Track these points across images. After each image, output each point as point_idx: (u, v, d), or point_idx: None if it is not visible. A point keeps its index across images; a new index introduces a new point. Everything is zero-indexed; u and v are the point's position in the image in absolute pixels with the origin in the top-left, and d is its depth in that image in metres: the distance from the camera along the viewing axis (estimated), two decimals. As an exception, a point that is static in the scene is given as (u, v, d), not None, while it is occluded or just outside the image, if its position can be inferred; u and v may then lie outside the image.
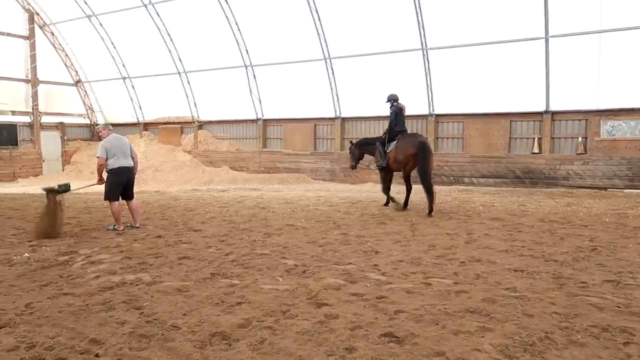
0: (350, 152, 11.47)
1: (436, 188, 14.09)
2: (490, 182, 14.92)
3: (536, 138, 14.56)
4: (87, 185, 8.27)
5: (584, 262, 5.62)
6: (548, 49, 13.83)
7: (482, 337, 3.50)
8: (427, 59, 15.47)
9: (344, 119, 17.56)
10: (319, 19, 16.43)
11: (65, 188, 7.63)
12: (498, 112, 15.06)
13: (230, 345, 3.43)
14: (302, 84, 17.98)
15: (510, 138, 14.99)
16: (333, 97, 17.34)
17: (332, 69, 17.07)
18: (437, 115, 15.91)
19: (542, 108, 14.37)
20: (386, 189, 10.54)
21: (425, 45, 15.34)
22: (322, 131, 18.22)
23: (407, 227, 8.01)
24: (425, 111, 16.00)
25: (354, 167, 11.46)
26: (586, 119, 13.98)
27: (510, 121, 14.95)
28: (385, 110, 10.80)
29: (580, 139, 14.00)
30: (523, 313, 3.95)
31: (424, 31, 15.15)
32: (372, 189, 14.77)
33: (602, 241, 6.73)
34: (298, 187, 15.67)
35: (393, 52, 16.05)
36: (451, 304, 4.19)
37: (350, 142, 11.71)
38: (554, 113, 14.29)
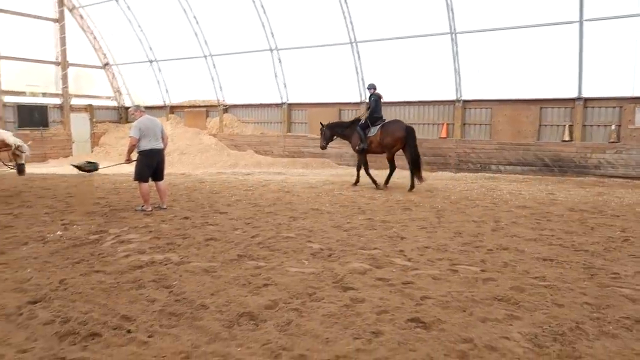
0: (321, 133, 12.39)
1: (462, 175, 13.90)
2: (518, 170, 14.64)
3: (567, 125, 14.18)
4: (115, 164, 8.41)
5: (616, 252, 5.49)
6: (582, 33, 13.37)
7: (511, 325, 3.47)
8: (456, 43, 15.15)
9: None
10: (345, 2, 16.22)
11: (93, 167, 7.77)
12: (528, 98, 14.69)
13: (257, 326, 3.48)
14: (328, 68, 17.85)
15: (539, 125, 14.63)
16: (359, 82, 17.17)
17: (358, 52, 16.88)
18: (465, 101, 15.63)
19: (574, 94, 13.95)
20: (366, 170, 11.48)
21: (454, 29, 15.01)
22: (347, 116, 18.06)
23: (433, 213, 7.94)
24: (452, 97, 15.72)
25: (324, 148, 12.54)
26: (620, 106, 13.53)
27: (540, 108, 14.58)
28: (413, 95, 11.01)
29: (613, 126, 13.57)
30: (553, 302, 3.89)
31: (452, 14, 14.82)
32: (396, 174, 14.65)
33: (634, 232, 6.55)
34: (322, 172, 15.66)
35: (420, 36, 15.76)
36: (478, 292, 4.15)
37: (321, 123, 12.66)
38: (586, 100, 13.86)
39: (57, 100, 21.41)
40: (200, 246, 5.72)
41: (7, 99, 19.47)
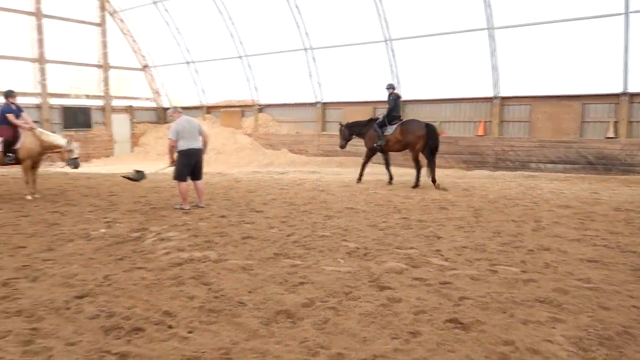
0: (340, 133, 12.57)
1: (500, 173, 13.61)
2: (559, 168, 14.21)
3: (611, 122, 13.67)
4: (161, 168, 8.65)
5: (666, 254, 5.25)
6: (628, 25, 12.86)
7: (554, 328, 3.37)
8: (493, 38, 14.82)
9: (404, 102, 17.23)
10: (380, 0, 16.12)
11: (140, 176, 7.98)
12: (569, 94, 14.24)
13: (294, 323, 3.50)
14: (362, 66, 17.80)
15: (581, 122, 14.16)
16: (393, 79, 17.03)
17: (392, 50, 16.75)
18: (503, 98, 15.28)
19: (619, 89, 13.43)
20: (364, 164, 12.15)
21: (492, 25, 14.69)
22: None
23: (470, 212, 7.80)
24: (489, 94, 15.40)
25: (343, 147, 12.78)
26: (669, 102, 12.96)
27: (583, 104, 14.10)
28: (448, 92, 10.87)
29: (661, 122, 13.01)
30: (598, 305, 3.76)
31: (490, 10, 14.51)
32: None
33: (686, 233, 6.26)
34: (357, 171, 15.59)
35: (456, 33, 15.51)
36: (519, 293, 4.06)
37: (340, 123, 13.14)
38: (632, 95, 13.32)
39: (99, 102, 22.15)
40: (237, 244, 5.81)
41: (53, 101, 20.28)
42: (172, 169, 8.41)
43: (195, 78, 22.69)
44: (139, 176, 7.85)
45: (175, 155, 8.21)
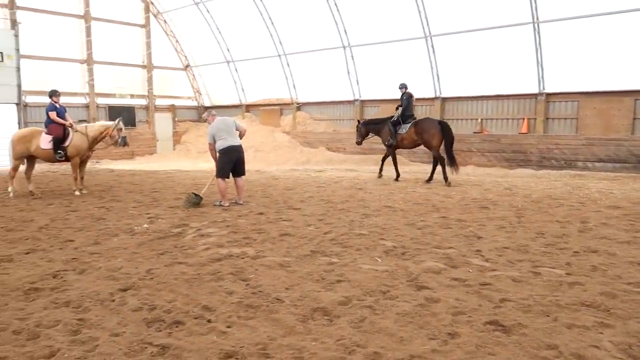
0: (357, 130, 13.05)
1: (544, 172, 13.23)
2: (609, 167, 13.62)
3: (665, 118, 12.99)
4: (209, 184, 8.85)
5: None
6: (685, 17, 12.18)
7: (601, 333, 3.23)
8: (538, 33, 14.34)
9: (444, 99, 16.96)
10: (420, -4, 15.89)
11: (197, 200, 8.18)
12: (619, 89, 13.62)
13: (331, 321, 3.50)
14: (401, 63, 17.59)
15: (633, 118, 13.51)
16: (433, 77, 16.77)
17: (432, 47, 16.48)
18: (548, 94, 14.77)
19: (674, 84, 12.75)
20: (385, 159, 12.76)
21: (537, 19, 14.21)
22: (421, 111, 17.74)
23: (512, 212, 7.59)
24: (533, 90, 14.93)
25: (359, 143, 13.32)
26: None
27: (635, 99, 13.45)
28: (490, 89, 10.68)
29: None
30: (649, 311, 3.58)
31: (535, 3, 14.03)
32: (472, 172, 14.18)
33: None
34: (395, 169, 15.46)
35: (498, 28, 15.09)
36: (564, 296, 3.91)
37: (358, 120, 14.01)
38: (689, 90, 12.63)
39: (143, 101, 22.83)
40: (275, 241, 5.86)
41: (99, 100, 21.04)
42: (209, 165, 8.58)
43: (235, 77, 23.03)
44: (197, 200, 8.09)
45: (217, 155, 8.37)
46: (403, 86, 12.11)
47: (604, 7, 13.27)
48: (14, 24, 18.09)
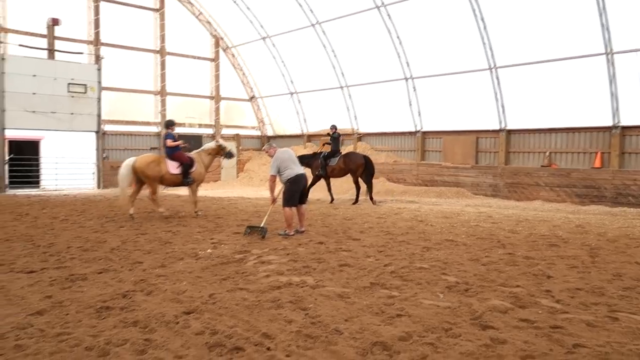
0: None
1: (620, 210, 12.45)
2: (693, 205, 12.59)
3: None
4: (267, 216, 8.92)
5: None
6: None
7: (690, 389, 2.94)
8: (612, 64, 13.72)
9: (509, 132, 16.48)
10: (485, 28, 15.71)
11: (263, 233, 8.24)
12: None
13: (391, 357, 3.42)
14: (464, 95, 17.35)
15: None
16: (498, 108, 16.38)
17: (497, 78, 16.15)
18: (624, 128, 13.99)
19: None
20: (310, 187, 13.56)
21: (611, 50, 13.62)
22: (484, 144, 17.34)
23: (585, 251, 7.15)
24: (607, 122, 14.19)
25: None
26: None
27: None
28: (559, 121, 10.62)
29: None
30: None
31: (609, 34, 13.48)
32: (540, 207, 13.57)
33: None
34: (457, 202, 15.10)
35: (568, 59, 14.57)
36: (646, 345, 3.61)
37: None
38: None
39: (210, 130, 23.82)
40: (334, 271, 5.84)
41: (170, 129, 22.17)
42: (268, 194, 8.72)
43: (298, 108, 23.60)
44: (262, 232, 8.20)
45: (280, 187, 8.49)
46: (333, 127, 14.88)
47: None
48: (97, 59, 19.62)
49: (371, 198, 13.99)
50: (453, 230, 9.02)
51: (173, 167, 10.54)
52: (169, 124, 11.04)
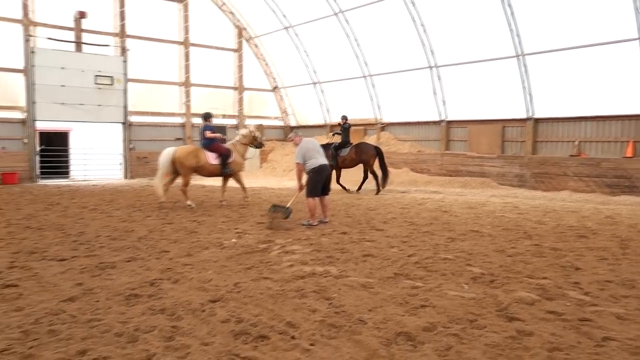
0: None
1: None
2: None
3: None
4: (294, 199, 8.97)
5: None
6: None
7: None
8: (647, 49, 13.24)
9: (537, 120, 16.13)
10: (512, 14, 15.34)
11: (287, 213, 8.29)
12: None
13: (415, 347, 3.41)
14: (490, 83, 17.01)
15: None
16: (525, 97, 16.03)
17: (525, 65, 15.78)
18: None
19: None
20: (337, 180, 14.71)
21: (644, 34, 13.15)
22: (510, 133, 17.02)
23: (616, 242, 6.99)
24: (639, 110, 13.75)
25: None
26: None
27: None
28: (589, 109, 11.04)
29: None
30: None
31: (642, 17, 13.00)
32: (568, 198, 13.28)
33: None
34: (482, 192, 14.90)
35: (598, 45, 14.12)
36: (679, 339, 3.52)
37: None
38: None
39: (233, 121, 23.99)
40: (357, 261, 5.85)
41: (195, 120, 22.41)
42: (293, 184, 8.73)
43: (321, 98, 23.54)
44: (287, 212, 8.24)
45: (305, 176, 8.49)
46: (344, 118, 15.10)
47: None
48: (123, 51, 19.91)
49: (378, 189, 14.15)
50: (478, 221, 8.92)
51: (212, 158, 10.95)
52: (207, 116, 11.42)
